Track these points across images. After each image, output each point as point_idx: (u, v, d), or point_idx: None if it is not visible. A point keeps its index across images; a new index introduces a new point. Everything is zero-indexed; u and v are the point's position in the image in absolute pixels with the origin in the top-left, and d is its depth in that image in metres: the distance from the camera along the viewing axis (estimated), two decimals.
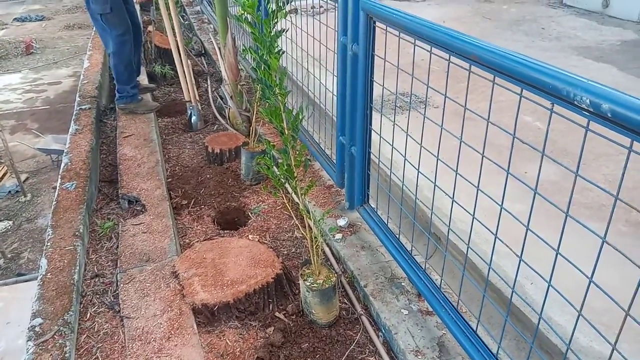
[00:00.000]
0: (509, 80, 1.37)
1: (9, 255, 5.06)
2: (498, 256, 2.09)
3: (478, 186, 1.66)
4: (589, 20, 5.79)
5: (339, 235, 2.58)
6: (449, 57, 1.63)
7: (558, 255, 1.39)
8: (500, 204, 1.56)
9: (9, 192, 5.98)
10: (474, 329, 1.85)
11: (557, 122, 1.30)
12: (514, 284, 1.62)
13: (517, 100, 1.39)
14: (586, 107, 1.13)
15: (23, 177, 6.04)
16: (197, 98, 4.17)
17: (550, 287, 1.46)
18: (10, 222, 5.65)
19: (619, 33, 5.31)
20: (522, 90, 1.36)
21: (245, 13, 1.93)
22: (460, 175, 1.75)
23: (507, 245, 1.59)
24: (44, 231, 5.14)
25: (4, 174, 6.23)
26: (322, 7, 4.38)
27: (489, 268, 1.73)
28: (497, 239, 1.63)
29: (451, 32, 1.57)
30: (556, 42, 5.01)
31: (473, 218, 1.73)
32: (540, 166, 1.41)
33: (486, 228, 1.68)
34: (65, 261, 2.38)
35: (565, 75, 1.17)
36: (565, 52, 4.72)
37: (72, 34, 11.44)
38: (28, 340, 1.97)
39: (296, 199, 2.00)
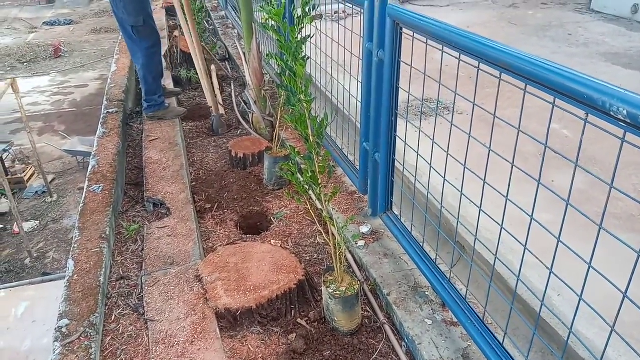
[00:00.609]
0: (542, 89, 1.34)
1: (35, 255, 5.18)
2: (525, 267, 2.06)
3: (507, 196, 1.63)
4: (617, 26, 5.67)
5: (361, 242, 2.56)
6: (479, 64, 1.61)
7: (590, 268, 1.36)
8: (530, 214, 1.53)
9: (36, 192, 6.13)
10: (501, 341, 1.81)
11: (587, 130, 1.26)
12: (544, 297, 1.58)
13: (545, 106, 1.37)
14: (623, 118, 1.10)
15: (50, 178, 6.19)
16: (221, 103, 4.22)
17: (581, 301, 1.42)
18: (37, 222, 5.78)
19: None
20: (554, 100, 1.33)
21: (271, 20, 1.94)
22: (489, 185, 1.72)
23: (537, 258, 1.56)
24: (69, 231, 5.24)
25: (32, 175, 6.38)
26: (345, 12, 4.38)
27: (518, 280, 1.69)
28: (526, 250, 1.60)
29: (482, 40, 1.55)
30: (584, 48, 4.92)
31: (501, 228, 1.70)
32: (574, 176, 1.38)
33: (515, 239, 1.65)
34: (92, 263, 2.42)
35: (601, 85, 1.14)
36: (593, 58, 4.62)
37: (98, 37, 11.70)
38: (55, 341, 2.00)
39: (319, 206, 1.99)
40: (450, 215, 2.28)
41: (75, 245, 2.54)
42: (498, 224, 1.72)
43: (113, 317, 2.24)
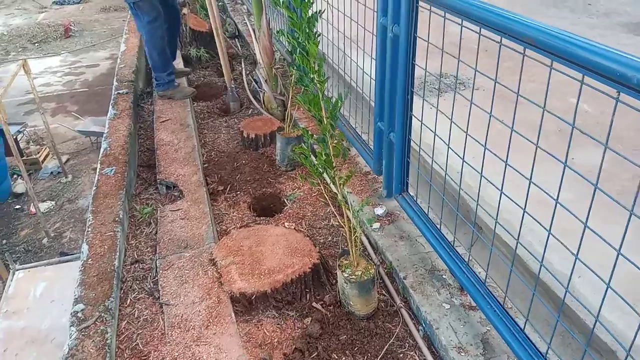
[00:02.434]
0: (570, 66, 1.26)
1: (52, 235, 5.24)
2: (547, 249, 2.00)
3: (531, 179, 1.56)
4: None
5: (376, 225, 2.52)
6: (501, 39, 1.53)
7: (619, 255, 1.29)
8: (555, 199, 1.46)
9: (51, 173, 6.17)
10: (521, 326, 1.77)
11: (607, 104, 1.19)
12: (568, 284, 1.53)
13: (565, 81, 1.29)
14: None
15: (64, 158, 6.22)
16: (232, 79, 4.15)
17: (608, 288, 1.36)
18: (53, 202, 5.83)
19: None
20: (583, 77, 1.25)
21: None
22: (510, 166, 1.65)
23: (562, 243, 1.50)
24: (85, 211, 5.28)
25: (46, 156, 6.42)
26: None
27: (541, 265, 1.64)
28: (550, 235, 1.54)
29: (504, 13, 1.46)
30: (604, 19, 4.73)
31: (524, 212, 1.64)
32: (603, 158, 1.30)
33: (539, 223, 1.58)
34: (106, 247, 2.41)
35: (636, 62, 1.05)
36: (614, 29, 4.44)
37: (108, 16, 11.61)
38: (71, 326, 2.00)
39: (334, 189, 1.94)
40: (469, 196, 2.22)
41: (89, 229, 2.53)
42: (521, 207, 1.65)
43: (128, 301, 2.24)
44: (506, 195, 1.72)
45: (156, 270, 2.36)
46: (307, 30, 1.66)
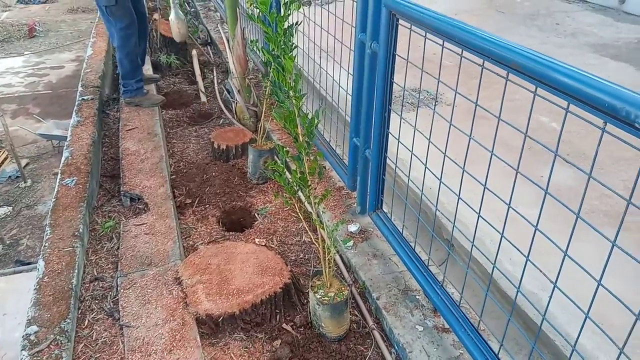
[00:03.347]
0: (556, 93, 1.23)
1: (7, 242, 4.96)
2: (515, 265, 1.99)
3: (510, 204, 1.53)
4: (604, 17, 5.61)
5: (349, 242, 2.46)
6: (483, 62, 1.50)
7: (599, 284, 1.27)
8: (535, 226, 1.44)
9: (9, 177, 5.87)
10: (495, 351, 1.74)
11: (575, 124, 1.18)
12: (545, 312, 1.50)
13: (532, 98, 1.29)
14: None
15: (23, 162, 5.92)
16: (203, 90, 4.05)
17: (587, 318, 1.34)
18: (10, 208, 5.54)
19: (635, 30, 5.14)
20: (568, 105, 1.23)
21: (256, 9, 1.79)
22: (490, 190, 1.62)
23: (542, 272, 1.47)
24: (44, 218, 5.04)
25: (5, 159, 6.11)
26: None
27: (517, 291, 1.61)
28: (528, 261, 1.51)
29: (489, 37, 1.43)
30: (571, 39, 4.85)
31: (502, 237, 1.61)
32: (551, 174, 1.28)
33: (515, 247, 1.56)
34: (64, 263, 2.27)
35: (626, 94, 1.03)
36: (582, 49, 4.56)
37: (75, 17, 11.26)
38: (22, 350, 1.86)
39: (309, 208, 1.87)
40: (446, 218, 2.19)
41: (47, 244, 2.38)
42: (498, 231, 1.62)
43: (86, 322, 2.11)
44: (483, 218, 1.69)
45: (117, 289, 2.23)
46: (283, 45, 1.59)
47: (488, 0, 6.25)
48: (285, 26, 1.81)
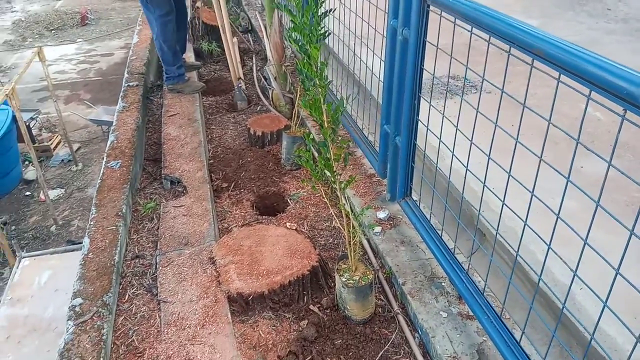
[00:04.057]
0: (577, 80, 1.22)
1: (60, 222, 5.28)
2: (548, 258, 1.96)
3: (533, 191, 1.53)
4: None
5: (378, 229, 2.49)
6: (509, 49, 1.49)
7: (617, 274, 1.26)
8: (557, 213, 1.43)
9: (62, 160, 6.22)
10: (517, 339, 1.74)
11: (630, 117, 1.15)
12: (565, 300, 1.49)
13: (577, 86, 1.26)
14: None
15: (75, 146, 6.27)
16: (242, 77, 4.14)
17: (605, 306, 1.33)
18: (63, 190, 5.88)
19: None
20: (590, 92, 1.22)
21: None
22: (514, 178, 1.62)
23: (561, 259, 1.47)
24: None
25: (58, 143, 6.47)
26: None
27: (539, 279, 1.61)
28: (550, 247, 1.51)
29: (514, 23, 1.42)
30: (622, 24, 4.62)
31: (525, 224, 1.61)
32: (607, 174, 1.27)
33: (539, 237, 1.55)
34: (107, 241, 2.42)
35: None
36: (632, 35, 4.34)
37: (124, 5, 11.64)
38: (68, 320, 2.01)
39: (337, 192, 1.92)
40: (471, 202, 2.19)
41: (92, 223, 2.54)
42: (522, 219, 1.62)
43: (127, 296, 2.25)
44: (507, 207, 1.69)
45: (156, 267, 2.36)
46: (309, 34, 1.63)
47: None
48: (318, 14, 1.85)
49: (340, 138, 1.89)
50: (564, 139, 1.35)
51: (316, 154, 1.83)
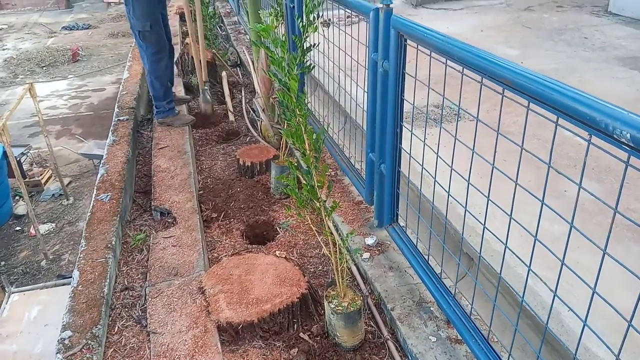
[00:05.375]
0: (543, 107, 1.30)
1: (50, 257, 5.24)
2: (534, 280, 2.00)
3: (511, 215, 1.58)
4: (635, 29, 5.52)
5: (366, 255, 2.53)
6: (482, 79, 1.57)
7: (594, 294, 1.31)
8: (534, 235, 1.48)
9: (53, 195, 6.21)
10: None
11: (603, 141, 1.21)
12: (547, 320, 1.53)
13: (555, 118, 1.32)
14: (626, 142, 1.05)
15: (66, 180, 6.27)
16: (231, 110, 4.23)
17: (585, 326, 1.37)
18: (53, 225, 5.85)
19: None
20: (557, 119, 1.29)
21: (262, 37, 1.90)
22: (492, 202, 1.67)
23: (542, 280, 1.51)
24: None
25: (49, 178, 6.47)
26: (356, 16, 4.35)
27: (522, 301, 1.64)
28: (530, 271, 1.55)
29: (483, 55, 1.51)
30: (600, 52, 4.80)
31: (505, 247, 1.66)
32: (577, 197, 1.33)
33: (521, 260, 1.60)
34: (97, 273, 2.43)
35: (603, 106, 1.09)
36: (610, 62, 4.50)
37: (116, 42, 11.84)
38: (57, 353, 2.01)
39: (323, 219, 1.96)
40: (457, 227, 2.23)
41: (81, 255, 2.55)
42: (502, 242, 1.67)
43: (116, 328, 2.25)
44: (489, 230, 1.74)
45: (145, 298, 2.37)
46: (287, 68, 1.71)
47: (515, 16, 6.25)
48: (301, 50, 1.93)
49: (324, 165, 1.94)
50: (546, 165, 1.40)
51: (302, 181, 1.88)
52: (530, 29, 5.70)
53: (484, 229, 1.75)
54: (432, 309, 2.21)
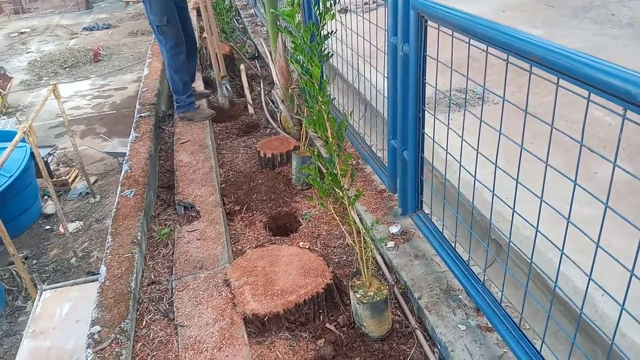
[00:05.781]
0: (574, 82, 1.23)
1: (80, 254, 5.35)
2: (566, 265, 1.93)
3: (542, 197, 1.52)
4: None
5: (391, 243, 2.49)
6: (507, 57, 1.51)
7: (632, 276, 1.25)
8: (567, 218, 1.42)
9: (80, 193, 6.33)
10: (538, 349, 1.71)
11: (632, 116, 1.14)
12: (582, 305, 1.47)
13: (586, 94, 1.26)
14: None
15: (92, 179, 6.38)
16: (250, 102, 4.21)
17: (623, 310, 1.31)
18: (81, 223, 5.97)
19: None
20: (589, 94, 1.22)
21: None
22: (521, 184, 1.62)
23: (576, 264, 1.45)
24: None
25: (75, 177, 6.60)
26: (377, 2, 4.28)
27: (555, 286, 1.59)
28: (563, 255, 1.49)
29: (509, 31, 1.44)
30: (628, 29, 4.62)
31: (537, 231, 1.60)
32: (612, 175, 1.26)
33: (553, 244, 1.54)
34: (123, 268, 2.45)
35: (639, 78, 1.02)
36: (638, 39, 4.33)
37: (135, 40, 11.96)
38: (87, 348, 2.03)
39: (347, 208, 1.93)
40: (484, 212, 2.18)
41: (108, 251, 2.58)
42: (533, 226, 1.61)
43: (144, 322, 2.27)
44: (519, 214, 1.68)
45: (172, 292, 2.38)
46: (310, 53, 1.67)
47: None
48: (318, 37, 1.89)
49: (346, 153, 1.90)
50: (575, 145, 1.33)
51: (324, 171, 1.85)
52: (554, 7, 5.51)
53: (513, 214, 1.69)
54: (460, 297, 2.17)
